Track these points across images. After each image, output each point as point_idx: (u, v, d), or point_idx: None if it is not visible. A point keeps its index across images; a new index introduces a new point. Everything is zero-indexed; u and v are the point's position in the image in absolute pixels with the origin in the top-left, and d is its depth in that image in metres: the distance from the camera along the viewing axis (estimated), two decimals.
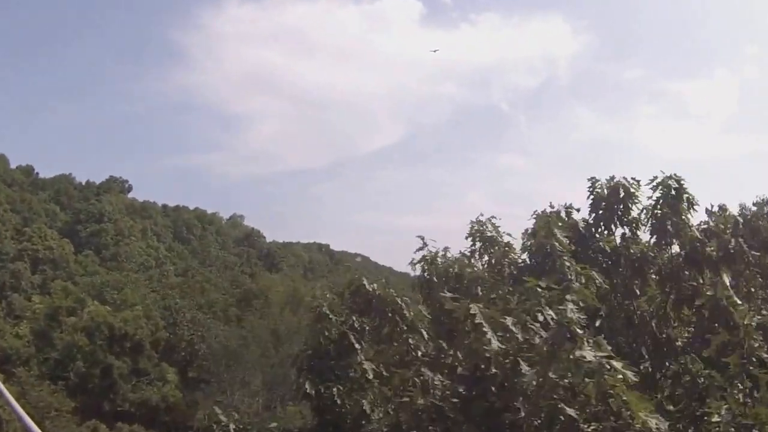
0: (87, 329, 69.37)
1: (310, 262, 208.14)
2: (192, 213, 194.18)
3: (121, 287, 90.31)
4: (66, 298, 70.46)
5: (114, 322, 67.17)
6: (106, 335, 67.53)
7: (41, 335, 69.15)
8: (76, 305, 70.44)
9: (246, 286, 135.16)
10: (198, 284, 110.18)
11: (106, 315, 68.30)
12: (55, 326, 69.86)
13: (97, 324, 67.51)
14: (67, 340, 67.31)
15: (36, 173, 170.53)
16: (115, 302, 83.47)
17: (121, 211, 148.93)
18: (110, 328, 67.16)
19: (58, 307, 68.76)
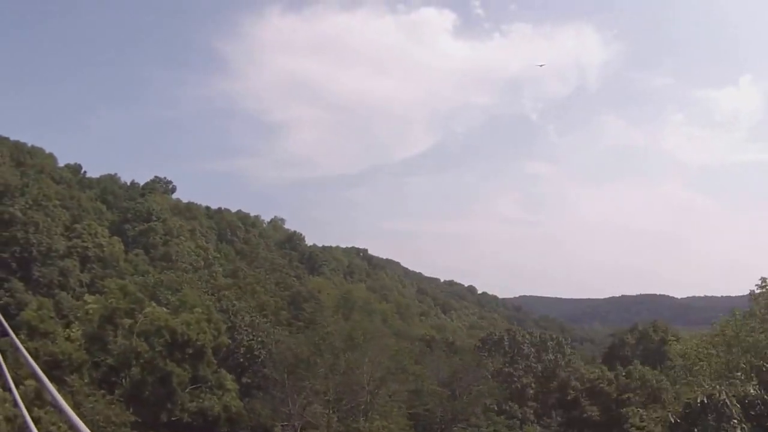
0: (145, 333, 61.51)
1: (349, 266, 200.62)
2: (234, 215, 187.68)
3: (175, 288, 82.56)
4: (123, 299, 62.50)
5: (176, 326, 59.08)
6: (166, 340, 59.52)
7: (95, 338, 61.33)
8: (134, 306, 62.52)
9: (294, 288, 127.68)
10: (249, 286, 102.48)
11: (168, 318, 60.32)
12: (110, 329, 61.98)
13: (157, 328, 59.60)
14: (124, 344, 59.45)
15: (83, 172, 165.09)
16: (170, 303, 75.63)
17: (167, 211, 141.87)
18: (172, 333, 59.25)
19: (115, 308, 60.80)
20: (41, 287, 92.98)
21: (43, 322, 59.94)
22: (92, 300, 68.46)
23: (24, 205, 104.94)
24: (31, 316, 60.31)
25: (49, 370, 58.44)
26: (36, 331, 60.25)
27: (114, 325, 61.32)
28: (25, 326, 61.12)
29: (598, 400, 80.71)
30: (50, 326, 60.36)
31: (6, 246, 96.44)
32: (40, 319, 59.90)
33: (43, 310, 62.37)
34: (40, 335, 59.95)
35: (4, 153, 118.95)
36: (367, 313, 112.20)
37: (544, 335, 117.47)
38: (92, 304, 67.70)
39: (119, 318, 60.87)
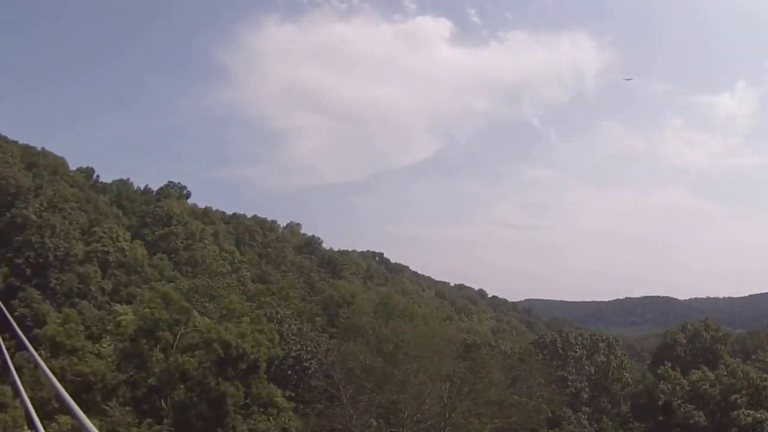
0: (193, 347, 49.50)
1: (368, 269, 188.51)
2: (251, 220, 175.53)
3: (211, 294, 70.47)
4: (166, 308, 50.37)
5: (230, 339, 47.07)
6: (218, 355, 47.51)
7: (131, 355, 49.25)
8: (179, 317, 50.44)
9: (326, 293, 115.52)
10: (283, 291, 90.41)
11: (220, 330, 48.30)
12: (149, 343, 49.87)
13: (207, 341, 47.60)
14: (168, 361, 47.45)
15: (96, 176, 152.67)
16: (208, 311, 63.57)
17: (186, 214, 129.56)
18: (225, 346, 47.17)
19: (157, 319, 48.67)
20: (59, 296, 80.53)
21: (70, 338, 47.78)
22: (124, 310, 56.28)
23: (38, 208, 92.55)
24: (56, 330, 48.19)
25: (78, 394, 46.40)
26: (60, 347, 48.05)
27: (154, 339, 49.21)
28: (48, 342, 48.92)
29: (700, 403, 68.83)
30: (78, 342, 48.18)
31: (20, 251, 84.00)
32: (67, 335, 47.75)
33: (69, 323, 50.08)
34: (66, 352, 47.78)
35: (14, 154, 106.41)
36: (408, 318, 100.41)
37: (595, 336, 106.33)
38: (125, 314, 55.56)
39: (161, 330, 48.75)
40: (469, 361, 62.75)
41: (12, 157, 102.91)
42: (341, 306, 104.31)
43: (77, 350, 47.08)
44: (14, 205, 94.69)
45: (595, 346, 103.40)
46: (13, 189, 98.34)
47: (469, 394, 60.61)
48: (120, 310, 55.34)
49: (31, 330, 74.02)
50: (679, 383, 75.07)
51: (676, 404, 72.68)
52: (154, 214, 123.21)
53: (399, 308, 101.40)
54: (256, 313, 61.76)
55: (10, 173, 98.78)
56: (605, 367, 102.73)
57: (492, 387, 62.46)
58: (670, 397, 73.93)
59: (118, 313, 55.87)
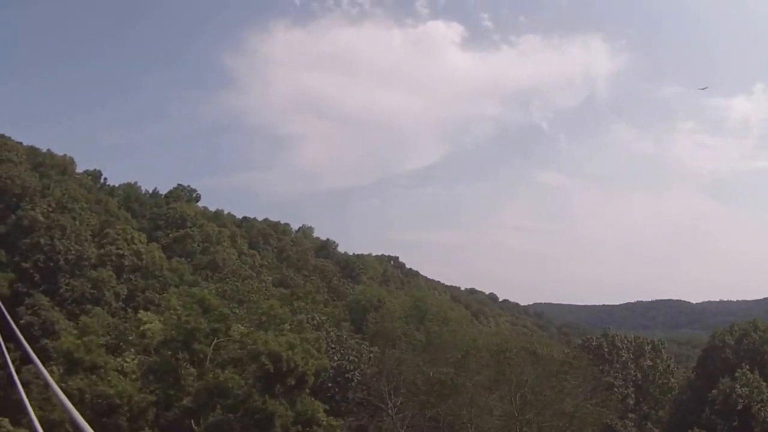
0: (235, 361, 41.44)
1: (384, 273, 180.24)
2: (262, 223, 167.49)
3: (240, 299, 62.38)
4: (203, 316, 42.27)
5: (281, 350, 39.04)
6: (267, 369, 39.47)
7: (161, 371, 41.07)
8: (218, 325, 42.34)
9: (351, 297, 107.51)
10: (310, 295, 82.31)
11: (268, 340, 40.29)
12: (179, 356, 41.72)
13: (253, 353, 39.58)
14: (205, 377, 39.37)
15: (104, 178, 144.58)
16: (239, 318, 55.39)
17: (201, 217, 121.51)
18: (275, 359, 39.10)
19: (194, 329, 40.56)
20: (69, 302, 72.35)
21: (90, 353, 39.59)
22: (148, 318, 48.08)
23: (46, 209, 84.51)
24: (73, 344, 40.03)
25: (99, 418, 38.41)
26: (78, 364, 39.87)
27: (189, 352, 41.11)
28: (63, 357, 40.85)
29: None
30: (99, 357, 40.02)
31: (27, 254, 75.90)
32: (86, 349, 39.54)
33: (88, 335, 41.87)
34: (84, 370, 39.63)
35: (20, 153, 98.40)
36: (442, 322, 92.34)
37: (639, 339, 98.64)
38: (149, 323, 47.37)
39: (198, 342, 40.67)
40: (539, 368, 54.77)
41: (17, 156, 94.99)
42: (368, 311, 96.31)
43: (98, 367, 38.98)
44: (20, 206, 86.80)
45: (641, 350, 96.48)
46: (18, 190, 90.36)
47: (539, 404, 52.96)
48: (144, 318, 47.18)
49: (39, 340, 65.88)
50: (757, 386, 67.54)
51: (756, 409, 64.97)
52: (167, 216, 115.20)
53: (432, 312, 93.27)
54: (299, 319, 53.82)
55: (16, 173, 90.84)
56: (651, 372, 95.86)
57: (566, 397, 54.64)
58: (749, 401, 66.31)
59: (141, 322, 47.70)
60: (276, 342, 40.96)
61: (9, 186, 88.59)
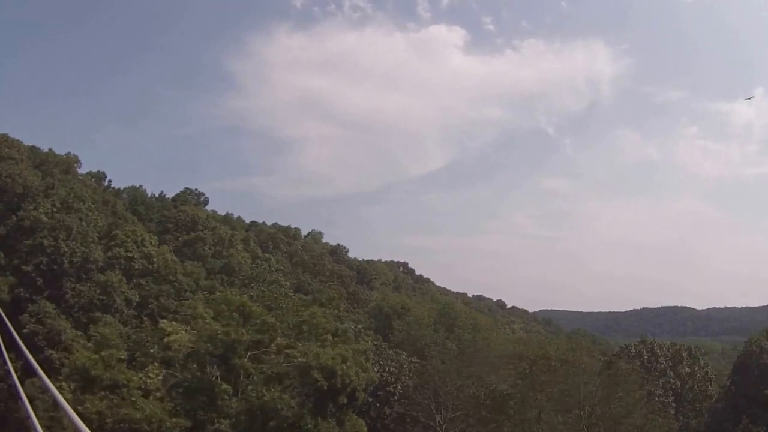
0: (281, 377, 34.51)
1: (395, 280, 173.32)
2: (271, 228, 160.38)
3: (270, 306, 55.32)
4: (244, 325, 35.31)
5: (335, 365, 32.26)
6: (320, 387, 32.63)
7: (192, 389, 34.05)
8: (261, 337, 35.42)
9: (373, 304, 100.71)
10: (333, 302, 75.27)
11: (320, 354, 33.48)
12: (212, 371, 34.74)
13: (304, 369, 32.74)
14: (248, 397, 32.48)
15: (108, 181, 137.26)
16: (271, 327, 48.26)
17: (213, 219, 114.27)
18: (329, 376, 32.29)
19: (235, 340, 33.59)
20: (76, 309, 65.17)
21: (109, 369, 32.51)
22: (173, 327, 40.93)
23: (50, 208, 77.35)
24: (90, 360, 32.96)
25: None
26: (95, 382, 32.81)
27: (226, 367, 34.12)
28: (77, 374, 33.79)
29: None
30: (121, 375, 32.91)
31: (29, 257, 68.69)
32: (104, 365, 32.46)
33: (107, 348, 34.76)
34: (103, 389, 32.56)
35: (21, 150, 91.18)
36: (473, 330, 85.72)
37: (677, 346, 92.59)
38: (175, 333, 40.25)
39: (238, 357, 33.67)
40: (605, 378, 48.24)
41: (18, 153, 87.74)
42: (391, 318, 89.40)
43: (119, 386, 31.89)
44: (21, 206, 79.62)
45: (679, 357, 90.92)
46: (20, 189, 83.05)
47: (609, 419, 46.49)
48: (168, 328, 40.09)
49: (43, 350, 58.73)
50: None
51: None
52: (177, 219, 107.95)
53: (461, 318, 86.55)
54: (343, 327, 47.00)
55: (17, 171, 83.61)
56: (690, 379, 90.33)
57: (635, 409, 48.15)
58: None
59: (163, 332, 40.59)
60: (328, 355, 34.14)
61: (9, 185, 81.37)
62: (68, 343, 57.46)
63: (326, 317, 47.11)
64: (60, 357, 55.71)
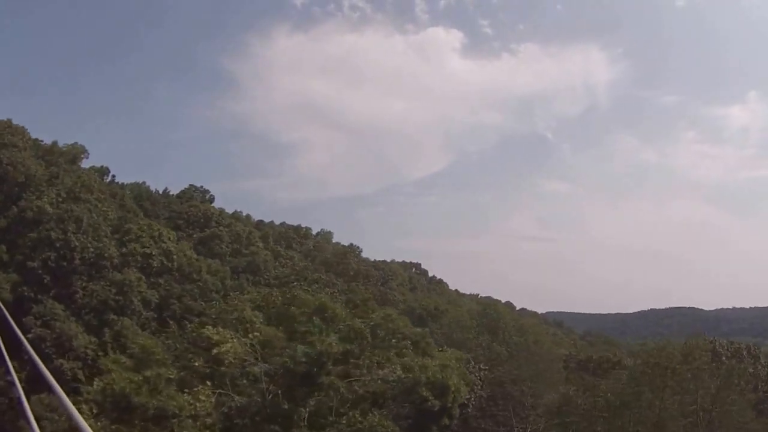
0: (376, 396, 26.52)
1: (411, 280, 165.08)
2: (280, 227, 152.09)
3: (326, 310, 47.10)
4: (326, 333, 27.18)
5: (447, 379, 24.34)
6: (429, 407, 24.69)
7: (262, 419, 25.83)
8: (351, 346, 27.38)
9: (406, 305, 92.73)
10: (369, 303, 67.00)
11: (427, 365, 25.65)
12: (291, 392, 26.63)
13: (409, 385, 24.76)
14: (338, 424, 24.41)
15: (112, 176, 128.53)
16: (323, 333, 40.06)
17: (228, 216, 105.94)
18: (440, 392, 24.57)
19: (322, 353, 25.43)
20: (88, 311, 56.76)
21: (156, 394, 24.08)
22: (220, 336, 32.45)
23: (55, 198, 69.05)
24: (131, 385, 24.54)
25: None
26: (135, 411, 24.45)
27: (308, 386, 25.90)
28: (111, 399, 25.45)
29: None
30: (171, 402, 24.47)
31: (34, 252, 60.27)
32: (150, 389, 24.04)
33: (151, 366, 26.29)
34: (147, 419, 24.22)
35: (25, 138, 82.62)
36: (517, 332, 77.95)
37: (735, 344, 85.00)
38: (223, 343, 31.80)
39: (324, 373, 25.49)
40: (718, 379, 40.71)
41: (22, 141, 79.24)
42: (425, 320, 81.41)
43: (169, 416, 23.59)
44: (22, 197, 71.18)
45: (739, 356, 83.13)
46: (21, 178, 74.64)
47: (729, 426, 38.94)
48: (214, 336, 31.72)
49: (52, 359, 50.33)
50: None
51: None
52: (188, 214, 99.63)
53: (505, 320, 78.61)
54: (421, 332, 39.17)
55: (19, 158, 75.15)
56: (755, 380, 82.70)
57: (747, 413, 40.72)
58: None
59: (209, 341, 32.22)
60: (435, 367, 26.39)
61: (11, 173, 72.95)
62: (81, 351, 49.08)
63: (403, 320, 39.38)
64: (72, 367, 47.37)
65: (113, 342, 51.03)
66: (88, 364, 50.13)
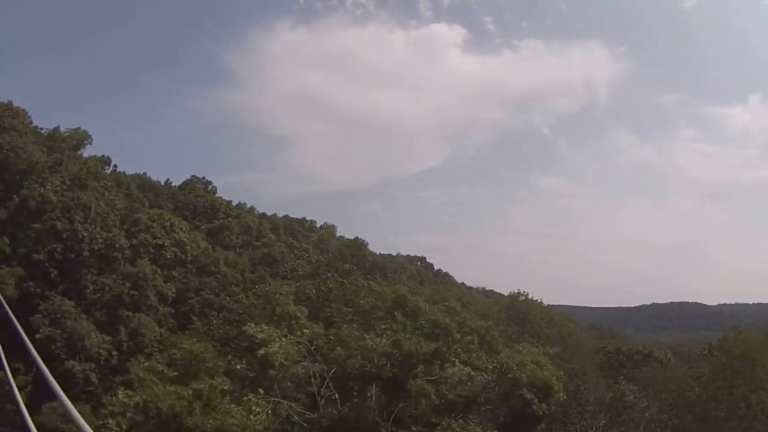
0: (468, 402, 22.75)
1: (418, 274, 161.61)
2: (284, 219, 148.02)
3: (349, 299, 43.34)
4: (411, 331, 23.35)
5: (550, 377, 20.76)
6: (533, 411, 20.85)
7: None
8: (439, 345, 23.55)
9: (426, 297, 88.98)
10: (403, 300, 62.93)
11: (524, 362, 22.11)
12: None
13: (507, 385, 21.08)
14: None
15: (114, 165, 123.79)
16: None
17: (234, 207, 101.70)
18: (543, 393, 21.21)
19: (409, 353, 21.60)
20: (99, 307, 52.54)
21: (211, 413, 19.86)
22: (266, 334, 28.31)
23: (59, 186, 64.60)
24: (181, 403, 20.14)
25: None
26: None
27: (390, 394, 21.98)
28: (152, 419, 21.14)
29: None
30: (230, 419, 20.19)
31: (38, 244, 55.92)
32: (205, 406, 19.83)
33: (200, 375, 22.13)
34: None
35: (26, 122, 77.91)
36: (547, 324, 74.16)
37: None
38: (270, 342, 27.72)
39: (413, 377, 21.58)
40: None
41: (23, 125, 74.59)
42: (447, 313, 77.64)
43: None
44: (24, 185, 66.70)
45: None
46: (23, 165, 70.14)
47: None
48: (258, 334, 27.68)
49: (62, 361, 46.18)
50: None
51: None
52: (195, 205, 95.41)
53: (534, 312, 74.75)
54: (486, 325, 35.60)
55: (21, 144, 70.59)
56: None
57: None
58: None
59: (249, 339, 28.19)
60: (532, 364, 22.83)
61: (12, 159, 68.41)
62: (94, 351, 44.93)
63: (468, 313, 35.69)
64: (84, 369, 43.26)
65: (129, 341, 46.90)
66: (102, 365, 46.02)
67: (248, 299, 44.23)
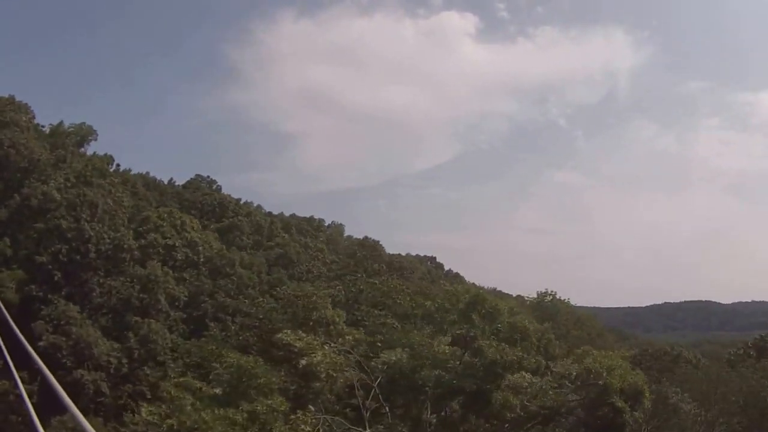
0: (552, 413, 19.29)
1: (429, 273, 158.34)
2: (290, 218, 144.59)
3: (380, 302, 40.19)
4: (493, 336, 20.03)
5: (640, 383, 17.37)
6: (624, 420, 17.29)
7: None
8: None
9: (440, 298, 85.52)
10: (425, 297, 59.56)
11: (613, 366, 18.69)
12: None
13: (596, 394, 17.72)
14: None
15: (117, 164, 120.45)
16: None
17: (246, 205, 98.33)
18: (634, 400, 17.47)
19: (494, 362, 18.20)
20: (107, 311, 49.14)
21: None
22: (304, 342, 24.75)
23: (63, 183, 61.26)
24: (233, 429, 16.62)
25: None
26: None
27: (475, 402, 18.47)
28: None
29: None
30: None
31: (40, 245, 52.54)
32: None
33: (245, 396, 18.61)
34: None
35: (29, 117, 74.56)
36: (576, 325, 70.80)
37: None
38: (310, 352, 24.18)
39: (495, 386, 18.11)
40: None
41: (26, 120, 71.28)
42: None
43: None
44: (25, 184, 63.37)
45: None
46: (24, 162, 66.81)
47: None
48: (296, 343, 24.03)
49: (70, 371, 42.77)
50: None
51: None
52: (202, 203, 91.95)
53: (563, 312, 71.22)
54: (542, 328, 32.38)
55: (22, 140, 67.25)
56: None
57: None
58: None
59: (286, 348, 24.69)
60: (621, 368, 19.63)
61: (13, 156, 65.05)
62: (103, 360, 41.49)
63: (525, 314, 32.50)
64: (94, 379, 39.86)
65: (140, 348, 43.48)
66: (111, 375, 42.58)
67: (267, 302, 40.89)
